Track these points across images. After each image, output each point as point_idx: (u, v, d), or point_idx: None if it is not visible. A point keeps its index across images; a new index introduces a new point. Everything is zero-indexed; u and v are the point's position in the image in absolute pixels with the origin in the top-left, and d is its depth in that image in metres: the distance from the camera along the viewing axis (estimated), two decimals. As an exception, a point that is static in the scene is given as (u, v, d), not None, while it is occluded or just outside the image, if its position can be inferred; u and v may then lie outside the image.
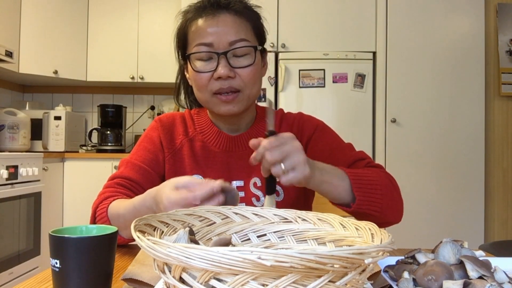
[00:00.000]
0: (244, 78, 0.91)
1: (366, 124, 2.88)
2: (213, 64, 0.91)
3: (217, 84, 0.90)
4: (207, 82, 0.91)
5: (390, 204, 0.87)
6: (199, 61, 0.92)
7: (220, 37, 0.90)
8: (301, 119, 1.05)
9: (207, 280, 0.40)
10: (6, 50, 2.73)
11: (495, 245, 1.99)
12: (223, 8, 0.93)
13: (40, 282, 0.67)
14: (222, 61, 0.89)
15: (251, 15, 0.96)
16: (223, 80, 0.90)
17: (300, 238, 0.63)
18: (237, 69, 0.91)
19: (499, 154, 2.99)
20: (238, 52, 0.91)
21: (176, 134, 1.02)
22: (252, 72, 0.92)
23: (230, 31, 0.91)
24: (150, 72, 3.32)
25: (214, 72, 0.90)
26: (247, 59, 0.92)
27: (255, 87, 0.95)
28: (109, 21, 3.35)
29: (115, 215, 0.85)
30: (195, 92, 0.97)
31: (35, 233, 2.64)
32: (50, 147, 3.14)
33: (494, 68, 3.00)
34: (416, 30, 2.90)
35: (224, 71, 0.89)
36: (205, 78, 0.91)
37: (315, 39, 2.94)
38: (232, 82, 0.90)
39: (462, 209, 2.87)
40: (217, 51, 0.90)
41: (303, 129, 1.03)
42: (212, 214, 0.64)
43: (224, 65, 0.89)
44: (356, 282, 0.43)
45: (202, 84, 0.92)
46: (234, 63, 0.91)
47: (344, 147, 1.01)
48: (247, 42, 0.92)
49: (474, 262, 0.54)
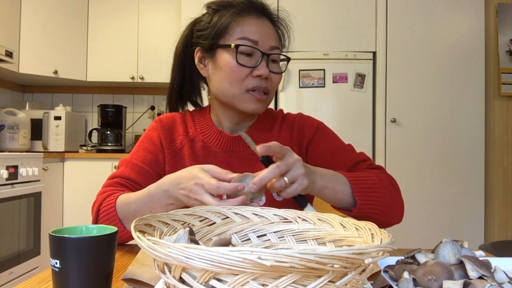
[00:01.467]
0: (274, 83, 0.96)
1: (366, 124, 2.88)
2: (253, 61, 0.93)
3: (255, 81, 0.92)
4: (244, 77, 0.92)
5: (391, 206, 0.89)
6: (241, 55, 0.92)
7: (265, 39, 0.93)
8: (301, 120, 1.06)
9: (207, 280, 0.40)
10: (6, 50, 2.73)
11: (495, 245, 1.99)
12: (265, 15, 0.98)
13: (40, 282, 0.67)
14: (264, 61, 0.93)
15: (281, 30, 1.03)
16: (261, 79, 0.93)
17: (300, 238, 0.63)
18: (271, 73, 0.95)
19: (499, 154, 2.99)
20: (275, 58, 0.96)
21: (176, 135, 1.01)
22: (279, 79, 0.98)
23: (272, 37, 0.96)
24: (150, 72, 3.32)
25: (254, 70, 0.92)
26: (279, 66, 0.98)
27: (274, 93, 1.00)
28: (109, 21, 3.35)
29: (124, 205, 0.85)
30: (221, 84, 0.95)
31: (35, 233, 2.64)
32: (50, 147, 3.14)
33: (494, 68, 3.00)
34: (416, 30, 2.90)
35: (266, 72, 0.92)
36: (244, 73, 0.92)
37: (315, 39, 2.94)
38: (267, 83, 0.94)
39: (462, 209, 2.87)
40: (262, 50, 0.93)
41: (304, 131, 1.04)
42: (212, 214, 0.65)
43: (265, 66, 0.93)
44: (356, 282, 0.43)
45: (238, 77, 0.92)
46: (270, 67, 0.94)
47: (345, 148, 1.02)
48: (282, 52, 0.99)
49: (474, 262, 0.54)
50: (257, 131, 1.03)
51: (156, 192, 0.80)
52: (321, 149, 1.01)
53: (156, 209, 0.80)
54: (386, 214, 0.87)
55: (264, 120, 1.05)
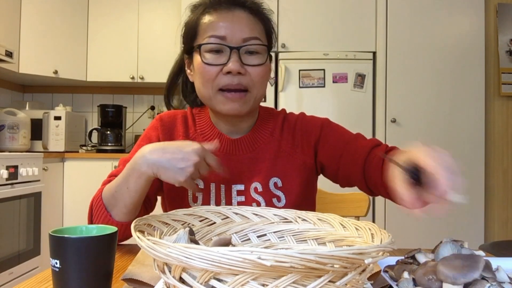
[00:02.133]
0: (254, 77, 0.89)
1: (366, 124, 2.88)
2: (223, 58, 0.87)
3: (225, 79, 0.87)
4: (214, 76, 0.87)
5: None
6: (209, 54, 0.88)
7: (234, 32, 0.88)
8: (304, 120, 1.02)
9: (207, 280, 0.40)
10: (6, 50, 2.73)
11: (495, 245, 1.99)
12: (238, 5, 0.91)
13: (40, 282, 0.67)
14: (234, 55, 0.86)
15: (264, 18, 0.94)
16: (232, 75, 0.87)
17: (300, 238, 0.63)
18: (248, 67, 0.88)
19: (499, 154, 2.99)
20: (250, 49, 0.89)
21: (176, 135, 0.99)
22: (262, 72, 0.90)
23: (244, 28, 0.88)
24: (150, 72, 3.32)
25: (224, 66, 0.87)
26: (258, 58, 0.90)
27: (262, 88, 0.92)
28: (109, 21, 3.35)
29: (107, 191, 0.85)
30: (198, 87, 0.93)
31: (35, 233, 2.64)
32: (50, 147, 3.14)
33: (494, 68, 3.00)
34: (416, 30, 2.90)
35: (235, 66, 0.86)
36: (213, 72, 0.87)
37: (315, 39, 2.94)
38: (242, 79, 0.87)
39: (462, 209, 2.87)
40: (230, 44, 0.87)
41: (308, 131, 0.99)
42: (212, 214, 0.65)
43: (236, 60, 0.86)
44: (356, 282, 0.43)
45: (208, 77, 0.88)
46: (245, 60, 0.88)
47: (356, 137, 0.98)
48: (260, 41, 0.90)
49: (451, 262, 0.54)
50: (257, 134, 0.98)
51: (131, 164, 0.80)
52: (331, 143, 0.97)
53: (131, 183, 0.80)
54: None
55: (264, 122, 1.00)
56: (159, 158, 0.76)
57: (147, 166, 0.77)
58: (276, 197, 0.94)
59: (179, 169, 0.75)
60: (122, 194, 0.81)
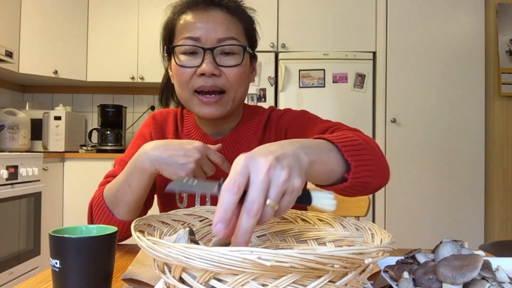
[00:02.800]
0: (230, 78, 0.86)
1: (366, 124, 2.88)
2: (198, 60, 0.86)
3: (200, 81, 0.86)
4: (189, 78, 0.87)
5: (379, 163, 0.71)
6: (183, 55, 0.88)
7: (209, 32, 0.86)
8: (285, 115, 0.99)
9: (207, 280, 0.40)
10: (6, 50, 2.73)
11: (495, 245, 1.99)
12: (215, 5, 0.89)
13: (40, 282, 0.66)
14: (208, 57, 0.85)
15: (244, 17, 0.92)
16: (206, 77, 0.85)
17: (300, 238, 0.63)
18: (222, 68, 0.86)
19: (499, 154, 2.99)
20: (226, 50, 0.87)
21: (167, 132, 1.00)
22: (239, 73, 0.87)
23: (219, 28, 0.86)
24: (150, 72, 3.32)
25: (198, 68, 0.85)
26: (234, 58, 0.87)
27: (240, 89, 0.89)
28: (109, 21, 3.35)
29: (109, 190, 0.85)
30: (176, 90, 0.92)
31: (35, 233, 2.64)
32: (50, 147, 3.14)
33: (494, 68, 3.01)
34: (416, 30, 2.90)
35: (208, 68, 0.84)
36: (188, 74, 0.86)
37: (315, 39, 2.94)
38: (217, 81, 0.86)
39: (462, 209, 2.87)
40: (204, 46, 0.86)
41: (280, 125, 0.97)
42: (212, 214, 0.65)
43: (209, 62, 0.85)
44: (356, 282, 0.43)
45: (183, 80, 0.87)
46: (220, 61, 0.86)
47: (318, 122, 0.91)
48: (236, 41, 0.87)
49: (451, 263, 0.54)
50: (239, 135, 0.96)
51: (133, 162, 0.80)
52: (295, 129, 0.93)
53: (133, 181, 0.79)
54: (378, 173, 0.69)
55: (247, 122, 0.98)
56: (161, 154, 0.77)
57: (150, 162, 0.77)
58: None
59: (181, 165, 0.75)
60: (125, 192, 0.81)
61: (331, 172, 0.61)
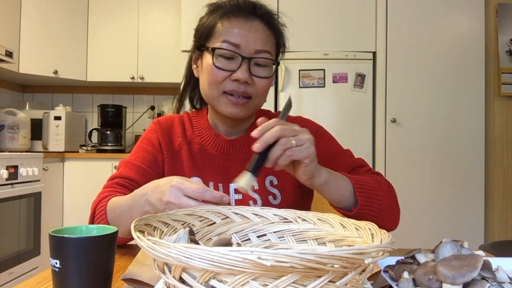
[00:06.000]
0: (259, 87, 0.93)
1: (366, 124, 2.88)
2: (233, 65, 0.91)
3: (233, 85, 0.91)
4: (221, 80, 0.91)
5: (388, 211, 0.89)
6: (221, 58, 0.92)
7: (249, 42, 0.91)
8: (302, 122, 1.05)
9: (207, 280, 0.40)
10: (6, 50, 2.73)
11: (495, 245, 1.99)
12: (257, 16, 0.94)
13: (40, 282, 0.67)
14: (244, 65, 0.90)
15: (277, 31, 0.99)
16: (239, 83, 0.91)
17: (300, 238, 0.63)
18: (255, 78, 0.92)
19: (499, 154, 2.99)
20: (260, 62, 0.93)
21: (174, 136, 1.02)
22: (268, 84, 0.95)
23: (259, 40, 0.92)
24: (150, 72, 3.32)
25: (233, 73, 0.90)
26: (266, 70, 0.93)
27: (264, 97, 0.96)
28: (109, 21, 3.35)
29: (112, 209, 0.85)
30: (203, 85, 0.96)
31: (35, 233, 2.64)
32: (50, 147, 3.14)
33: (494, 68, 3.00)
34: (416, 30, 2.90)
35: (244, 76, 0.89)
36: (221, 76, 0.91)
37: (315, 39, 2.94)
38: (247, 88, 0.91)
39: (462, 209, 2.87)
40: (243, 54, 0.90)
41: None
42: (212, 214, 0.65)
43: (245, 70, 0.90)
44: (356, 282, 0.43)
45: (216, 80, 0.91)
46: (254, 71, 0.92)
47: (344, 153, 1.02)
48: (270, 55, 0.94)
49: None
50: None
51: (137, 196, 0.78)
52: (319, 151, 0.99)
53: (135, 215, 0.77)
54: (383, 219, 0.86)
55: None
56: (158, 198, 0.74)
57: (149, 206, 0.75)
58: (272, 194, 0.97)
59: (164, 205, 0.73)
60: (126, 219, 0.81)
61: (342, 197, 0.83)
